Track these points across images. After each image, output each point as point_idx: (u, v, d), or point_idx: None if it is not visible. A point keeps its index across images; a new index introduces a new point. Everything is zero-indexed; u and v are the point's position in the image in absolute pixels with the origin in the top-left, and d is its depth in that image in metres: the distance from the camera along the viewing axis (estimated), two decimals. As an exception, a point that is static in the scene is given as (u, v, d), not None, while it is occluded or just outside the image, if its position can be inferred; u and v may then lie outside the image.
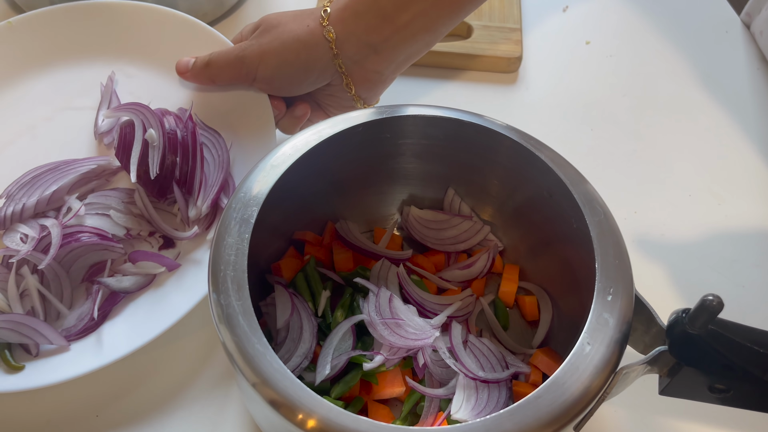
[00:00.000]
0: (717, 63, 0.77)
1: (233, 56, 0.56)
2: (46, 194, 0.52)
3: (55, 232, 0.49)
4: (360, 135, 0.48)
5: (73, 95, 0.63)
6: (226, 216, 0.41)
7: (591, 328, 0.37)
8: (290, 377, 0.35)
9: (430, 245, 0.54)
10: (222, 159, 0.55)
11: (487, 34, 0.74)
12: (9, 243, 0.51)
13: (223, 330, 0.36)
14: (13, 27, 0.65)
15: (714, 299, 0.34)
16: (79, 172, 0.54)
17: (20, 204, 0.52)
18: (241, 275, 0.38)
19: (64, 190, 0.54)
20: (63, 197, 0.54)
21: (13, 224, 0.52)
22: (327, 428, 0.33)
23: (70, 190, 0.54)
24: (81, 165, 0.55)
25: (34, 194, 0.53)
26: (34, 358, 0.47)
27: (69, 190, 0.54)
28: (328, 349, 0.45)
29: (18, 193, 0.53)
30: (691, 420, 0.49)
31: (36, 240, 0.49)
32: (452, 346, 0.47)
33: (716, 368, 0.36)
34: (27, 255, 0.49)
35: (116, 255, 0.51)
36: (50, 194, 0.52)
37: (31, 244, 0.49)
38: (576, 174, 0.44)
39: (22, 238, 0.51)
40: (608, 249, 0.40)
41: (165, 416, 0.48)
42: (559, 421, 0.34)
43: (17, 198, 0.53)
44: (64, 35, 0.66)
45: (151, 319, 0.48)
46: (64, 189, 0.54)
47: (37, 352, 0.48)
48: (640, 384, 0.44)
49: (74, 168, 0.55)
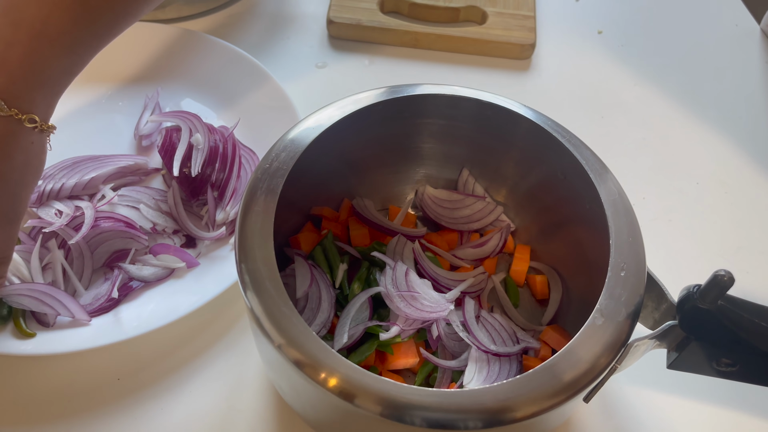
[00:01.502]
0: (726, 55, 0.78)
1: None
2: (84, 179, 0.55)
3: (88, 213, 0.52)
4: (380, 113, 0.49)
5: (119, 100, 0.67)
6: (253, 186, 0.42)
7: (605, 302, 0.38)
8: (315, 338, 0.36)
9: (444, 224, 0.55)
10: None
11: (501, 20, 0.75)
12: (44, 215, 0.53)
13: (251, 295, 0.38)
14: None
15: (725, 274, 0.35)
16: (117, 165, 0.57)
17: (59, 183, 0.55)
18: (267, 242, 0.39)
19: (100, 179, 0.56)
20: (98, 185, 0.56)
21: (49, 200, 0.54)
22: (348, 386, 0.34)
23: (106, 180, 0.57)
24: (120, 159, 0.58)
25: (73, 177, 0.55)
26: (49, 329, 0.49)
27: (105, 180, 0.57)
28: (345, 319, 0.46)
29: (58, 174, 0.56)
30: (694, 396, 0.51)
31: (70, 216, 0.52)
32: (465, 320, 0.48)
33: (724, 342, 0.38)
34: (59, 229, 0.51)
35: (140, 245, 0.53)
36: (88, 180, 0.55)
37: (65, 219, 0.52)
38: (592, 155, 0.46)
39: (56, 213, 0.53)
40: (622, 227, 0.42)
41: (184, 381, 0.49)
42: (572, 387, 0.36)
43: (57, 178, 0.55)
44: (116, 48, 0.68)
45: (166, 306, 0.50)
46: (101, 178, 0.56)
47: (53, 323, 0.49)
48: (645, 360, 0.45)
49: (113, 161, 0.58)
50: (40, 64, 0.41)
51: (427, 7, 0.77)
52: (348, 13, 0.75)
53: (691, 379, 0.45)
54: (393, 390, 0.35)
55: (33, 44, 0.41)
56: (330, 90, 0.70)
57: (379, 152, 0.54)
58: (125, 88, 0.67)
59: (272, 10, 0.78)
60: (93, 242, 0.52)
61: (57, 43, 0.41)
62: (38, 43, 0.41)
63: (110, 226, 0.52)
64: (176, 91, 0.67)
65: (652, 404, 0.50)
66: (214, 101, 0.66)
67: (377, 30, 0.74)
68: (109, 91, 0.67)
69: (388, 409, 0.34)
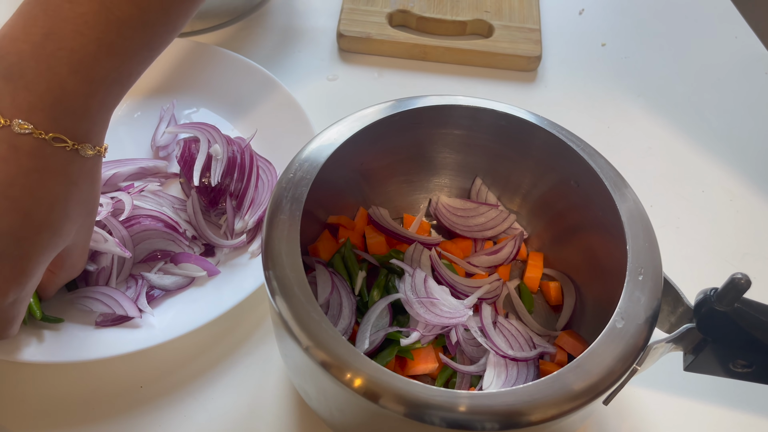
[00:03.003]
0: (728, 65, 0.79)
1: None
2: (105, 175, 0.56)
3: (126, 199, 0.53)
4: (396, 124, 0.50)
5: (135, 112, 0.68)
6: (278, 195, 0.43)
7: (624, 305, 0.39)
8: (341, 340, 0.37)
9: (459, 232, 0.56)
10: (271, 183, 0.60)
11: (507, 33, 0.77)
12: None
13: (279, 300, 0.38)
14: None
15: (742, 277, 0.36)
16: (138, 165, 0.59)
17: None
18: (294, 249, 0.40)
19: (121, 177, 0.57)
20: (118, 183, 0.57)
21: None
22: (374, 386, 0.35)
23: (126, 179, 0.58)
24: (141, 161, 0.60)
25: None
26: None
27: (125, 178, 0.58)
28: (366, 326, 0.47)
29: None
30: (710, 399, 0.52)
31: (111, 204, 0.53)
32: (483, 326, 0.49)
33: (740, 344, 0.39)
34: (105, 219, 0.52)
35: (180, 249, 0.54)
36: (109, 176, 0.56)
37: (108, 207, 0.53)
38: (606, 163, 0.47)
39: None
40: (638, 232, 0.43)
41: (206, 388, 0.50)
42: (595, 389, 0.36)
43: None
44: None
45: (187, 314, 0.51)
46: (122, 176, 0.57)
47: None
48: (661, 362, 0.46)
49: (134, 161, 0.59)
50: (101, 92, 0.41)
51: (435, 20, 0.78)
52: (358, 27, 0.76)
53: (704, 380, 0.46)
54: (418, 390, 0.35)
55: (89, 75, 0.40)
56: (342, 102, 0.72)
57: (394, 162, 0.55)
58: (141, 100, 0.68)
59: (283, 24, 0.79)
60: (136, 237, 0.53)
61: (112, 61, 0.41)
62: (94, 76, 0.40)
63: (152, 224, 0.53)
64: (191, 103, 0.68)
65: (665, 405, 0.51)
66: (228, 112, 0.67)
67: (386, 43, 0.76)
68: (124, 103, 0.68)
69: (413, 409, 0.35)
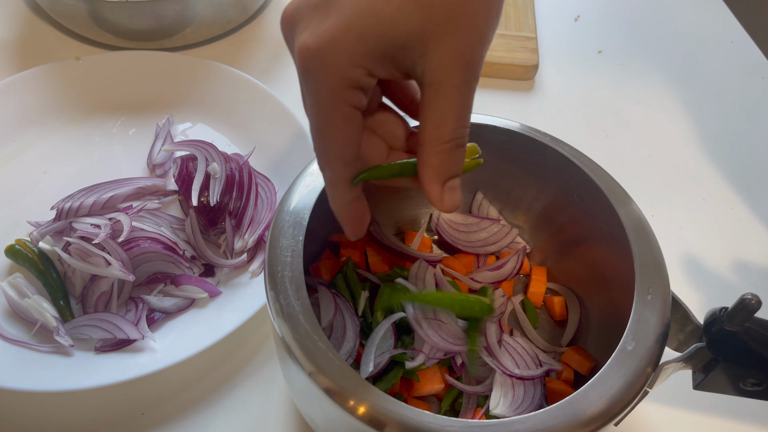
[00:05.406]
0: (724, 72, 0.79)
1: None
2: (103, 198, 0.55)
3: (125, 220, 0.52)
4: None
5: (129, 128, 0.67)
6: (279, 219, 0.42)
7: (633, 326, 0.39)
8: (345, 366, 0.36)
9: (461, 247, 0.56)
10: (270, 201, 0.59)
11: (504, 42, 0.76)
12: (82, 228, 0.53)
13: (284, 327, 0.38)
14: (81, 63, 0.69)
15: (753, 298, 0.36)
16: (135, 185, 0.58)
17: (78, 202, 0.55)
18: (298, 275, 0.40)
19: (119, 199, 0.57)
20: (117, 205, 0.56)
21: (77, 216, 0.54)
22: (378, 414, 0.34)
23: (124, 200, 0.57)
24: (138, 181, 0.59)
25: (92, 197, 0.55)
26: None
27: (123, 199, 0.57)
28: (370, 348, 0.46)
29: (77, 194, 0.56)
30: (718, 414, 0.52)
31: (110, 225, 0.52)
32: (488, 345, 0.48)
33: (750, 363, 0.38)
34: (104, 242, 0.51)
35: (180, 271, 0.54)
36: (107, 199, 0.55)
37: (107, 229, 0.52)
38: (609, 177, 0.46)
39: (93, 225, 0.53)
40: (645, 249, 0.42)
41: (209, 413, 0.49)
42: (607, 414, 0.36)
43: (76, 197, 0.56)
44: (126, 76, 0.69)
45: (189, 337, 0.50)
46: (120, 197, 0.57)
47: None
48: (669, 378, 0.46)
49: (131, 182, 0.58)
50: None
51: (431, 30, 0.77)
52: (353, 38, 0.75)
53: (713, 398, 0.45)
54: (423, 419, 0.35)
55: None
56: (338, 115, 0.71)
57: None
58: (136, 116, 0.67)
59: (277, 37, 0.79)
60: (136, 260, 0.52)
61: None
62: None
63: (152, 246, 0.52)
64: (187, 118, 0.68)
65: (674, 422, 0.51)
66: (225, 128, 0.67)
67: (382, 54, 0.75)
68: (119, 120, 0.67)
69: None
